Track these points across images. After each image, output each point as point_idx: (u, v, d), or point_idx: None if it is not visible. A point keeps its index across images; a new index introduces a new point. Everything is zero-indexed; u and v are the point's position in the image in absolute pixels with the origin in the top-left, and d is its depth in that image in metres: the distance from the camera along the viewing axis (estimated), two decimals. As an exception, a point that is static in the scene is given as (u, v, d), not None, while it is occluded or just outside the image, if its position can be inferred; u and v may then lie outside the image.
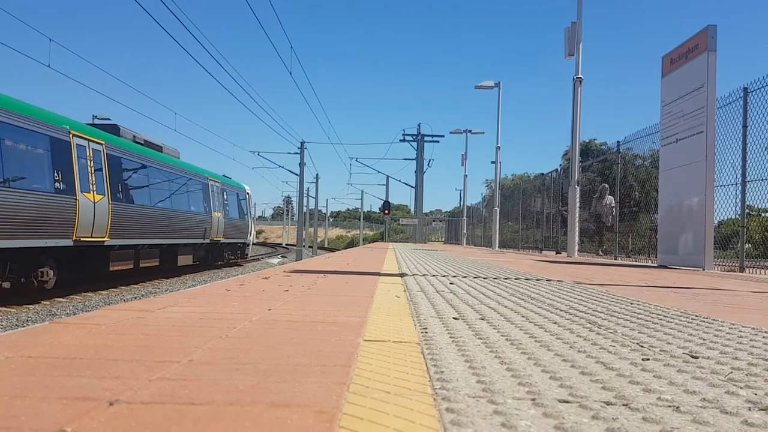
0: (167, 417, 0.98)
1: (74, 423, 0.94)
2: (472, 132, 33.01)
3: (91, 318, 2.05)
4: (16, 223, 10.32)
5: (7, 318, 9.47)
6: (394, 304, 2.76)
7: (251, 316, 2.22)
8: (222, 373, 1.30)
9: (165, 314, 2.19)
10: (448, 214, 52.34)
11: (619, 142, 12.92)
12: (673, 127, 9.02)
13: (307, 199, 50.15)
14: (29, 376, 1.23)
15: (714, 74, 8.01)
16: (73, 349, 1.51)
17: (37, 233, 10.90)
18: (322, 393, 1.15)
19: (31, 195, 10.79)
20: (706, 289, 4.40)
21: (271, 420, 0.98)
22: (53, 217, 11.38)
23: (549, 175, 18.77)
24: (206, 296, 2.86)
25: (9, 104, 10.63)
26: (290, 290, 3.30)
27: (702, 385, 1.33)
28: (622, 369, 1.48)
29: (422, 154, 38.35)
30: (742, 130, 8.07)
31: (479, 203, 33.96)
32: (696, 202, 8.18)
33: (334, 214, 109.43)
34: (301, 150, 37.47)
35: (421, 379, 1.30)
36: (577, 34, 12.79)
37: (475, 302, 2.98)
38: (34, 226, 10.83)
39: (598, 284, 4.57)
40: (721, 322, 2.46)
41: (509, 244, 23.26)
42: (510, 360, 1.55)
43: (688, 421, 1.06)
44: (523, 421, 1.03)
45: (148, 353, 1.49)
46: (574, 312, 2.68)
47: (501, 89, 23.20)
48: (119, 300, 12.16)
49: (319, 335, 1.83)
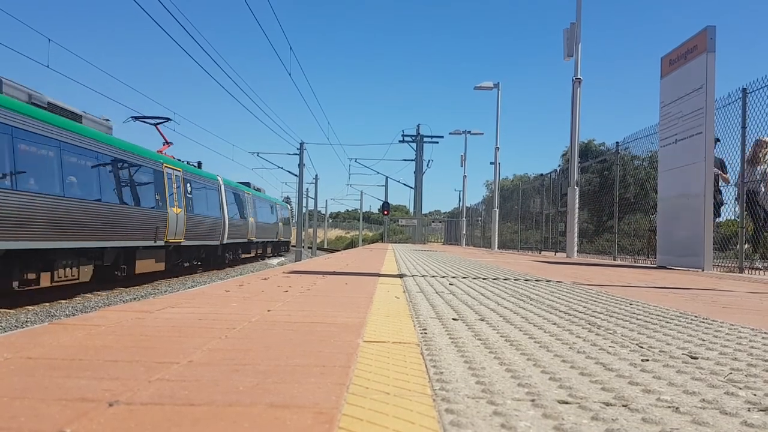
0: (166, 418, 0.98)
1: (73, 424, 0.94)
2: (472, 133, 33.04)
3: (90, 319, 2.05)
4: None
5: (6, 319, 9.46)
6: (394, 305, 2.76)
7: (250, 316, 2.22)
8: (221, 373, 1.30)
9: (164, 315, 2.19)
10: (448, 214, 52.34)
11: (618, 143, 12.93)
12: (672, 128, 9.03)
13: (306, 200, 50.20)
14: (28, 377, 1.23)
15: (713, 75, 8.01)
16: (72, 350, 1.51)
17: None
18: (322, 394, 1.15)
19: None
20: (705, 290, 4.40)
21: (271, 421, 0.98)
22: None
23: (548, 176, 18.78)
24: (205, 297, 2.86)
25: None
26: (289, 291, 3.30)
27: (701, 386, 1.33)
28: (621, 370, 1.48)
29: (421, 154, 38.38)
30: (741, 132, 8.08)
31: (479, 204, 33.96)
32: (695, 202, 8.18)
33: (334, 215, 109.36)
34: (300, 151, 37.49)
35: (421, 380, 1.30)
36: (576, 34, 12.79)
37: (474, 303, 2.98)
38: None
39: (597, 285, 4.58)
40: (720, 323, 2.46)
41: (508, 244, 23.27)
42: (509, 361, 1.55)
43: (687, 421, 1.06)
44: (522, 422, 1.03)
45: (147, 354, 1.49)
46: (573, 313, 2.68)
47: (500, 90, 23.22)
48: (118, 301, 12.15)
49: (319, 336, 1.82)
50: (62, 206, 11.90)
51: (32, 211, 10.92)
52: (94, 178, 13.55)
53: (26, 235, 10.69)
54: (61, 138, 12.17)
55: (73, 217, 12.26)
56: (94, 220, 13.12)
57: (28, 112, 11.26)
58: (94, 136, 13.76)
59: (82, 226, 12.57)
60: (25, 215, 10.70)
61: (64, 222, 11.91)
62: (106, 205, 13.78)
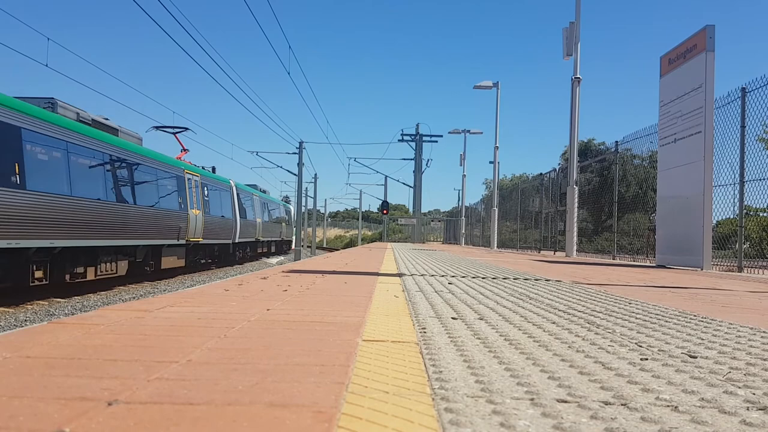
0: (166, 417, 0.98)
1: (72, 423, 0.94)
2: (471, 132, 33.04)
3: (89, 318, 2.05)
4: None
5: (5, 318, 9.46)
6: (393, 304, 2.76)
7: (250, 316, 2.22)
8: (220, 373, 1.30)
9: (163, 314, 2.19)
10: (447, 214, 52.32)
11: (617, 142, 12.94)
12: (671, 127, 9.03)
13: (305, 199, 50.19)
14: (27, 377, 1.23)
15: (712, 74, 8.02)
16: (71, 350, 1.51)
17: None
18: (321, 393, 1.15)
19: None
20: (704, 289, 4.41)
21: (270, 420, 0.98)
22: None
23: (547, 175, 18.78)
24: (205, 296, 2.86)
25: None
26: (289, 290, 3.30)
27: (700, 385, 1.33)
28: (620, 369, 1.48)
29: (421, 154, 38.39)
30: (740, 131, 8.08)
31: (478, 203, 33.97)
32: (694, 202, 8.19)
33: (333, 214, 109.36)
34: (299, 150, 37.45)
35: (420, 379, 1.30)
36: (576, 34, 12.80)
37: (473, 302, 2.98)
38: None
39: (597, 284, 4.58)
40: (719, 322, 2.46)
41: (508, 244, 23.28)
42: (508, 360, 1.55)
43: (686, 420, 1.06)
44: (521, 420, 1.03)
45: (146, 353, 1.49)
46: (572, 312, 2.68)
47: (500, 89, 23.24)
48: (117, 300, 12.15)
49: (318, 335, 1.82)
50: (105, 209, 13.47)
51: (83, 214, 12.46)
52: (130, 184, 15.27)
53: (78, 235, 12.29)
54: (106, 151, 13.83)
55: (114, 219, 13.84)
56: (131, 221, 14.79)
57: (79, 129, 12.75)
58: (130, 147, 15.48)
59: (121, 226, 14.21)
60: (78, 218, 12.25)
61: (107, 223, 13.45)
62: (139, 208, 15.44)
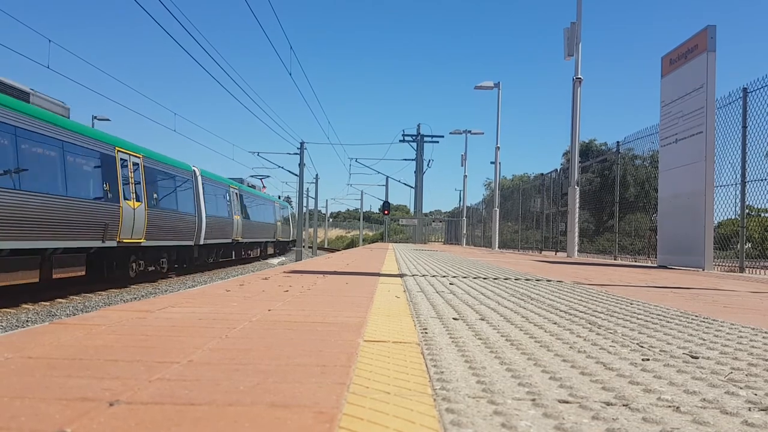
0: (167, 417, 0.98)
1: (74, 423, 0.94)
2: (472, 132, 33.04)
3: (90, 318, 2.05)
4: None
5: (6, 318, 9.47)
6: (394, 305, 2.76)
7: (251, 316, 2.22)
8: (222, 373, 1.30)
9: (165, 315, 2.19)
10: (448, 214, 52.34)
11: (618, 143, 12.93)
12: (672, 128, 9.02)
13: (306, 200, 50.21)
14: (29, 377, 1.23)
15: (713, 74, 8.01)
16: (72, 350, 1.51)
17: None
18: (322, 393, 1.15)
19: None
20: (705, 290, 4.40)
21: (271, 420, 0.98)
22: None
23: (549, 176, 18.78)
24: (206, 297, 2.86)
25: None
26: (290, 291, 3.30)
27: (702, 386, 1.33)
28: (622, 369, 1.48)
29: (422, 154, 38.33)
30: (742, 131, 8.08)
31: (479, 204, 33.97)
32: (695, 202, 8.18)
33: (334, 215, 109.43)
34: (300, 150, 37.46)
35: (421, 380, 1.30)
36: (577, 34, 12.79)
37: (474, 303, 2.98)
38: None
39: (598, 284, 4.57)
40: (720, 323, 2.46)
41: (509, 244, 23.27)
42: (510, 360, 1.55)
43: (688, 421, 1.06)
44: (523, 421, 1.03)
45: (147, 354, 1.49)
46: (573, 312, 2.68)
47: (501, 89, 23.23)
48: (119, 300, 12.16)
49: (319, 336, 1.82)
50: (171, 217, 17.38)
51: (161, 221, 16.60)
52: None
53: (153, 235, 15.92)
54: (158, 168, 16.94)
55: (164, 223, 17.02)
56: (170, 224, 17.75)
57: (133, 149, 15.55)
58: (172, 163, 18.46)
59: (163, 228, 17.06)
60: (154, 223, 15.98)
61: (167, 227, 17.10)
62: (176, 213, 18.35)
